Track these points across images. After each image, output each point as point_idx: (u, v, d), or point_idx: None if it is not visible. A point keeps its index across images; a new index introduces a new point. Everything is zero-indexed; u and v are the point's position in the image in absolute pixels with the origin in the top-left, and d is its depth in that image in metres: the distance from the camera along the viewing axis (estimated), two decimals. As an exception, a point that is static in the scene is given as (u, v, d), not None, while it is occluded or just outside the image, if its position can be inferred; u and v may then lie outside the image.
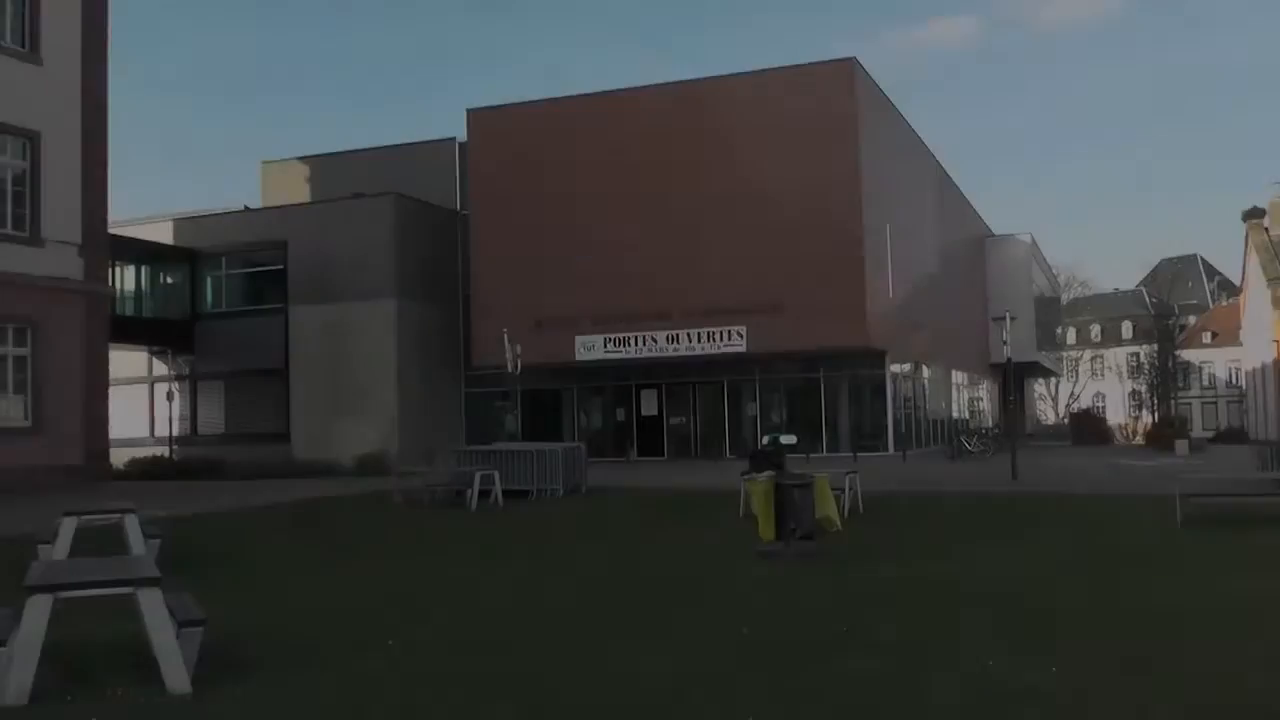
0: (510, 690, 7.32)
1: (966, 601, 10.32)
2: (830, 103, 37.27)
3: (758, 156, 37.55)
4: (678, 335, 38.34)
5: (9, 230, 29.65)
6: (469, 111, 41.64)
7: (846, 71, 37.79)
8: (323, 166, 47.05)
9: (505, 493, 22.81)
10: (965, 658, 8.04)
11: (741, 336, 37.54)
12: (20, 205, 30.01)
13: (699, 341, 38.17)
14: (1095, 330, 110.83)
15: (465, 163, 42.43)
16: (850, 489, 18.87)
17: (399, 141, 45.69)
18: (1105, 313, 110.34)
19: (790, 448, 23.31)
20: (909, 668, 7.77)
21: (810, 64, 38.61)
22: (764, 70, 38.86)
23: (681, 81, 39.68)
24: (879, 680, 7.40)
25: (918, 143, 48.24)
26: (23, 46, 30.37)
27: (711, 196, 37.91)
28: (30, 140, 30.26)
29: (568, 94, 41.55)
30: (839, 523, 15.22)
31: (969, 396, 59.30)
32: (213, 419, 42.11)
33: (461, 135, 42.85)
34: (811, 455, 34.77)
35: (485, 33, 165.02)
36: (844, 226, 36.53)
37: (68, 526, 12.22)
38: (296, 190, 46.47)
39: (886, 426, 40.31)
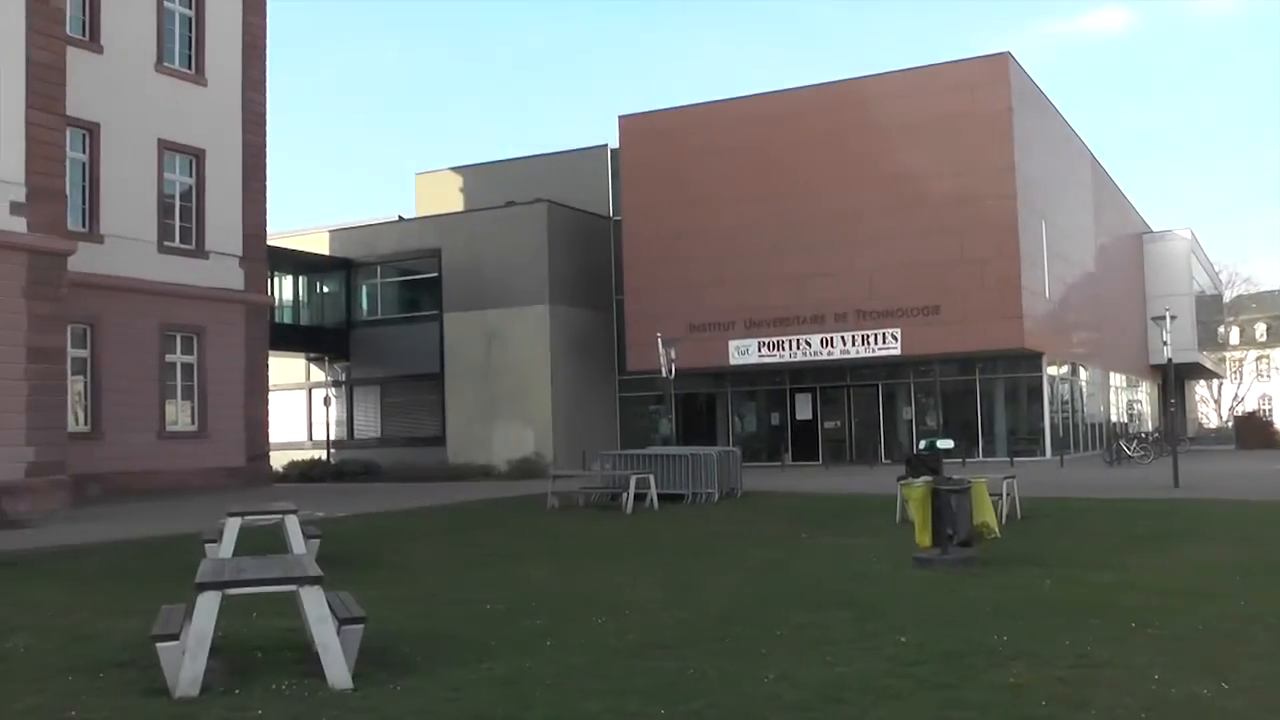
0: (666, 693, 7.26)
1: (1129, 612, 9.92)
2: (984, 99, 36.66)
3: (911, 155, 37.09)
4: (831, 339, 38.01)
5: (177, 243, 31.05)
6: (620, 118, 41.87)
7: (1001, 66, 37.10)
8: (475, 176, 47.84)
9: (660, 496, 22.90)
10: (1129, 670, 7.73)
11: (896, 339, 37.06)
12: (187, 219, 31.42)
13: (853, 345, 37.80)
14: (1260, 329, 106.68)
15: (617, 169, 42.69)
16: (1008, 494, 18.45)
17: (550, 150, 46.18)
18: (1271, 310, 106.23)
19: (948, 452, 22.87)
20: (1070, 680, 7.50)
21: (963, 60, 38.16)
22: (916, 68, 38.44)
23: (832, 82, 39.39)
24: (1039, 692, 7.16)
25: (1072, 137, 47.12)
26: (190, 69, 31.72)
27: (864, 197, 37.55)
28: (196, 158, 31.65)
29: (717, 97, 41.50)
30: (997, 529, 14.89)
31: (1127, 399, 57.74)
32: (368, 423, 43.12)
33: (613, 142, 43.13)
34: (967, 460, 34.16)
35: (634, 39, 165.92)
36: (999, 225, 35.92)
37: (232, 526, 12.56)
38: (450, 200, 47.31)
39: (1043, 430, 39.41)
